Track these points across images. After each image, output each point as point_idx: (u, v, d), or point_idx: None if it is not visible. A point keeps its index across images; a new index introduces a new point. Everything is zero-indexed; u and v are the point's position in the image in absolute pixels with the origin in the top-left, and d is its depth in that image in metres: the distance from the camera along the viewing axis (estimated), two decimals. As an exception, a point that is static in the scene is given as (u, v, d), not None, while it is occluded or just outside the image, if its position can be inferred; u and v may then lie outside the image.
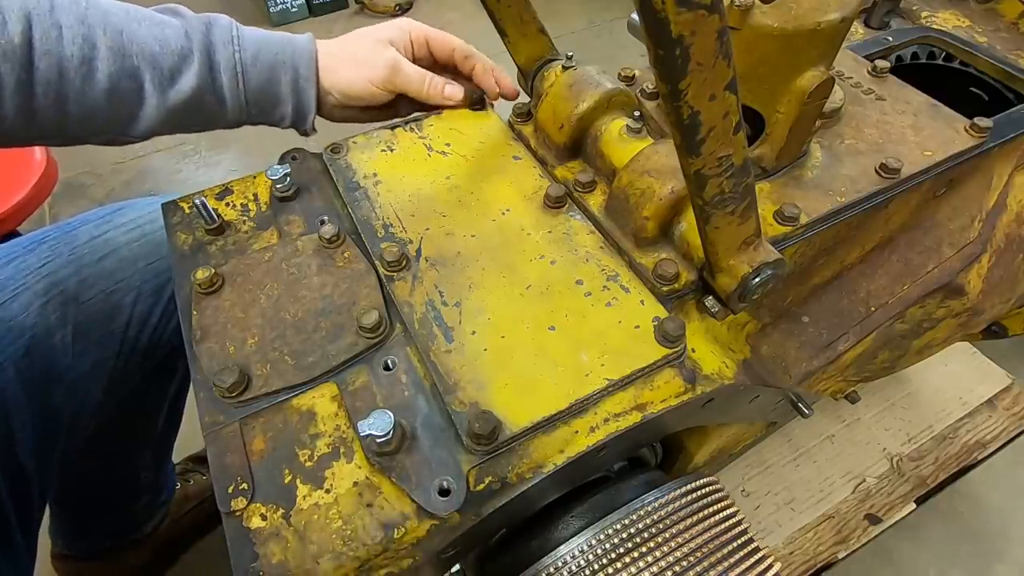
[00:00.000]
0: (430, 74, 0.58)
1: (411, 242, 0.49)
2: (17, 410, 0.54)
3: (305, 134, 0.59)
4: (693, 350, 0.45)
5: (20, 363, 0.55)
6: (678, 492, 0.43)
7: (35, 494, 0.58)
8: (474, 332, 0.43)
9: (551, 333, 0.42)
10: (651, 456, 0.56)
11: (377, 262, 0.47)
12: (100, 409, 0.63)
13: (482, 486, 0.37)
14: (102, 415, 0.64)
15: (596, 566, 0.39)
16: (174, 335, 0.67)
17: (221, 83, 0.53)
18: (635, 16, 0.43)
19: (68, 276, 0.59)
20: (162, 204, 0.54)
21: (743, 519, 0.45)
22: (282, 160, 0.57)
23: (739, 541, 0.43)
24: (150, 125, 0.52)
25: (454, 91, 0.59)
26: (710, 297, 0.46)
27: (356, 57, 0.57)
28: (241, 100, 0.54)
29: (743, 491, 0.89)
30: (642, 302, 0.44)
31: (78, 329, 0.59)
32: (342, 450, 0.38)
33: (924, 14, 0.74)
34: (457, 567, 0.48)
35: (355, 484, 0.37)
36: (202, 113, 0.53)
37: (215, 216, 0.51)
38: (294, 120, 0.57)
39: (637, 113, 0.53)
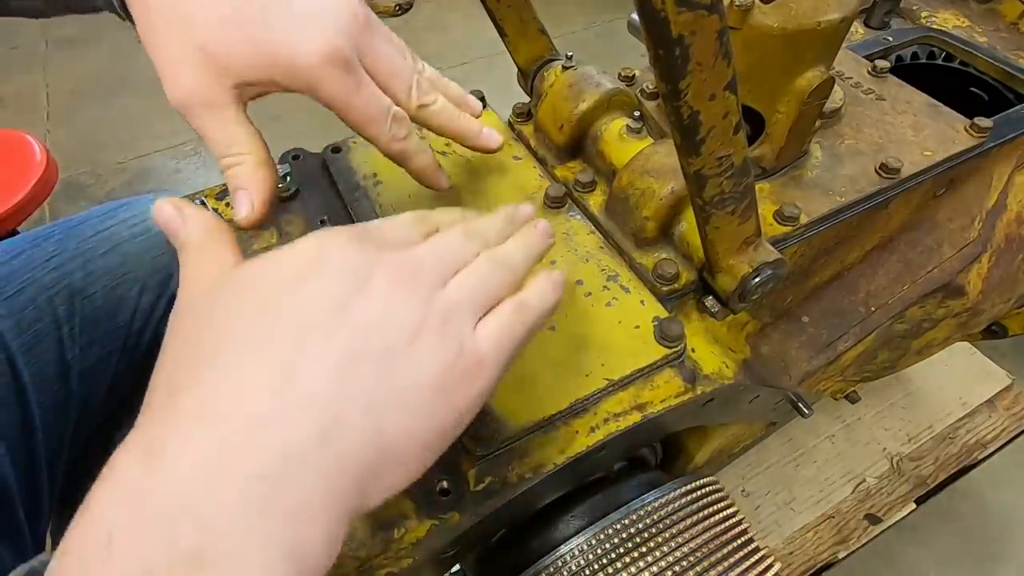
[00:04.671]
0: (394, 109, 0.39)
1: (411, 242, 0.49)
2: (33, 399, 0.55)
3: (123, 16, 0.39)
4: (693, 350, 0.45)
5: (31, 353, 0.55)
6: (678, 492, 0.43)
7: (45, 487, 0.58)
8: (474, 332, 0.42)
9: (551, 333, 0.42)
10: (651, 456, 0.56)
11: (377, 262, 0.47)
12: (104, 404, 0.64)
13: (482, 486, 0.37)
14: (106, 411, 0.65)
15: (596, 566, 0.39)
16: None
17: None
18: (635, 16, 0.43)
19: (74, 270, 0.60)
20: (162, 204, 0.54)
21: (743, 519, 0.45)
22: (282, 160, 0.57)
23: (739, 541, 0.43)
24: None
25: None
26: (710, 297, 0.46)
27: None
28: None
29: (743, 491, 0.89)
30: (642, 302, 0.44)
31: (85, 321, 0.60)
32: (342, 450, 0.38)
33: (924, 14, 0.74)
34: (457, 567, 0.48)
35: (355, 484, 0.37)
36: None
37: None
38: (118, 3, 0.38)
39: (637, 113, 0.53)
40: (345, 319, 0.24)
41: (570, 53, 0.57)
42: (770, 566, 0.42)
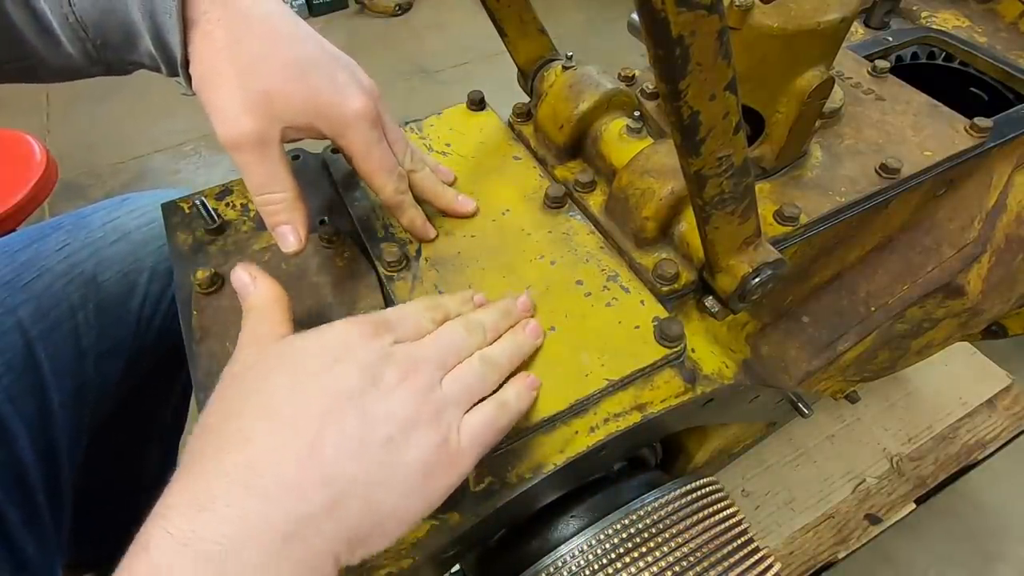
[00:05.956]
0: (399, 167, 0.45)
1: (411, 242, 0.49)
2: (51, 385, 0.56)
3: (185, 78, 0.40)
4: (693, 350, 0.45)
5: (48, 340, 0.56)
6: (678, 492, 0.43)
7: (65, 472, 0.59)
8: (474, 332, 0.42)
9: (551, 334, 0.42)
10: (651, 456, 0.56)
11: (377, 262, 0.47)
12: (117, 392, 0.65)
13: (482, 486, 0.37)
14: (119, 396, 0.66)
15: (596, 566, 0.39)
16: None
17: None
18: (635, 16, 0.43)
19: (86, 258, 0.61)
20: (162, 204, 0.54)
21: (743, 519, 0.45)
22: (282, 160, 0.57)
23: (739, 541, 0.42)
24: None
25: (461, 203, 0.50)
26: (710, 297, 0.46)
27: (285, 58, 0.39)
28: (72, 20, 0.38)
29: (743, 491, 0.89)
30: (642, 302, 0.44)
31: (98, 308, 0.61)
32: (342, 450, 0.38)
33: (924, 14, 0.74)
34: (457, 567, 0.48)
35: (355, 484, 0.37)
36: (12, 32, 0.38)
37: (215, 216, 0.51)
38: (164, 59, 0.40)
39: (637, 113, 0.53)
40: (359, 408, 0.30)
41: (570, 53, 0.57)
42: (770, 566, 0.42)
